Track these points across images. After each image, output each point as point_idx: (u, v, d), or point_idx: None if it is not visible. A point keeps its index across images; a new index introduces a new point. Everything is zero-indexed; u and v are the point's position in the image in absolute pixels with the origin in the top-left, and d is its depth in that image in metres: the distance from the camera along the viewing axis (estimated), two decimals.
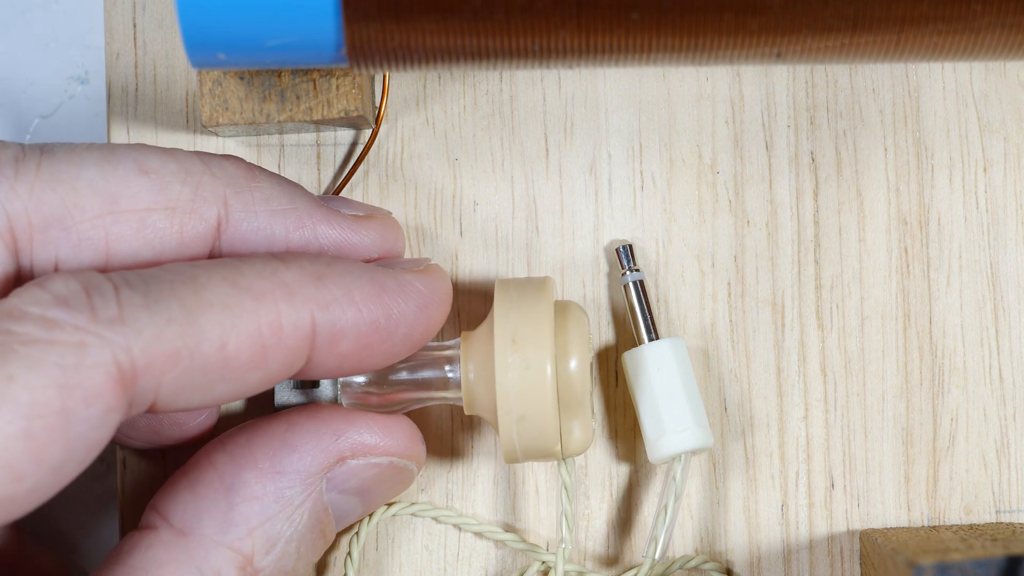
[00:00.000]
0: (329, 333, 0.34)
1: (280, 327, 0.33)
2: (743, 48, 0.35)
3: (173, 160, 0.35)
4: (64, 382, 0.30)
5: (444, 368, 0.38)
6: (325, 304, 0.34)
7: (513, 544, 0.41)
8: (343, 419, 0.37)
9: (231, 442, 0.37)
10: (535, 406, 0.36)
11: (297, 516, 0.36)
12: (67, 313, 0.31)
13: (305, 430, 0.37)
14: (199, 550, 0.35)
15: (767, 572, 0.41)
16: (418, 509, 0.41)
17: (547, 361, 0.36)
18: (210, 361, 0.32)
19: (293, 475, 0.36)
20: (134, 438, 0.39)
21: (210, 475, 0.36)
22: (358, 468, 0.37)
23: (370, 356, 0.35)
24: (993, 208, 0.42)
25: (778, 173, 0.42)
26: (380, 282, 0.35)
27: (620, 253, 0.41)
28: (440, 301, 0.36)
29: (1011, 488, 0.42)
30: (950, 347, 0.42)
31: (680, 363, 0.40)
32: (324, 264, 0.35)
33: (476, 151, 0.42)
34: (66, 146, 0.35)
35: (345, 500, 0.38)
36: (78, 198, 0.34)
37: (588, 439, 0.38)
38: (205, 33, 0.33)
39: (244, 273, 0.34)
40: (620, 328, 0.42)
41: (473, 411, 0.38)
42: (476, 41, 0.34)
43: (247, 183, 0.36)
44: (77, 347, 0.30)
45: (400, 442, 0.38)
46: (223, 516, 0.35)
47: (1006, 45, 0.35)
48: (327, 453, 0.37)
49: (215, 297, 0.33)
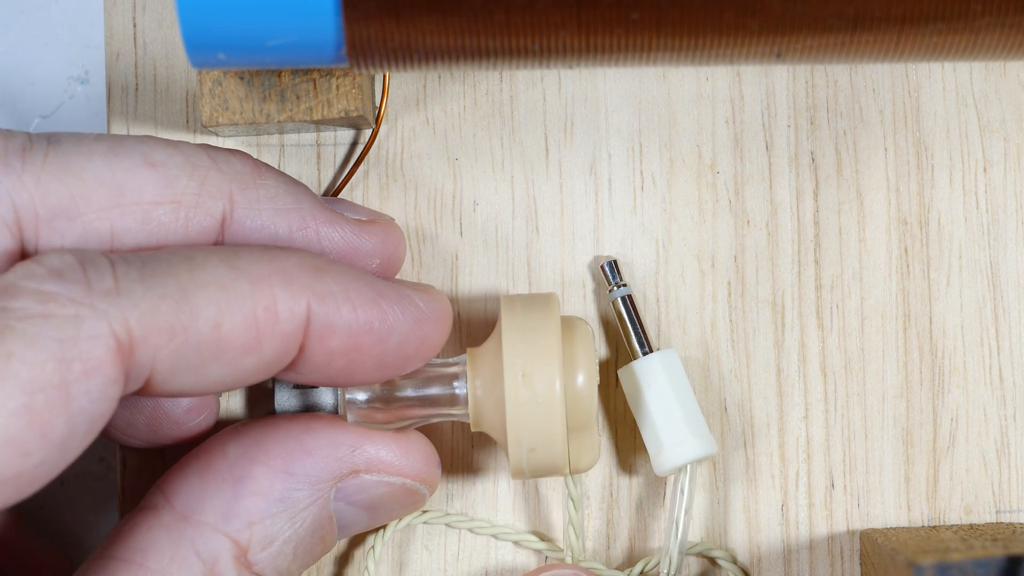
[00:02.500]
0: (323, 325, 0.34)
1: (275, 312, 0.33)
2: (743, 48, 0.35)
3: (179, 153, 0.35)
4: (62, 355, 0.30)
5: (452, 385, 0.38)
6: (321, 296, 0.34)
7: (530, 545, 0.41)
8: (363, 433, 0.37)
9: (246, 434, 0.37)
10: (546, 437, 0.37)
11: (300, 519, 0.36)
12: (62, 286, 0.31)
13: (323, 436, 0.37)
14: (198, 535, 0.35)
15: (767, 572, 0.41)
16: (430, 517, 0.41)
17: (558, 397, 0.36)
18: (204, 340, 0.32)
19: (303, 478, 0.36)
20: (133, 437, 0.39)
21: (221, 464, 0.36)
22: (370, 484, 0.37)
23: (361, 359, 0.35)
24: (993, 208, 0.42)
25: (778, 173, 0.42)
26: (377, 288, 0.35)
27: (605, 270, 0.41)
28: (437, 320, 0.36)
29: (1011, 488, 0.42)
30: (950, 347, 0.42)
31: (672, 376, 0.40)
32: (323, 260, 0.35)
33: (476, 151, 0.42)
34: (73, 136, 0.35)
35: (352, 512, 0.38)
36: (85, 189, 0.34)
37: (595, 457, 0.38)
38: (205, 33, 0.33)
39: (242, 256, 0.34)
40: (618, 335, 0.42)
41: (480, 428, 0.38)
42: (476, 41, 0.34)
43: (253, 180, 0.36)
44: (73, 320, 0.30)
45: (417, 464, 0.38)
46: (227, 506, 0.35)
47: (1006, 45, 0.35)
48: (341, 463, 0.37)
49: (211, 277, 0.33)
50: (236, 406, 0.42)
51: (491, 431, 0.38)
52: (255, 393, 0.42)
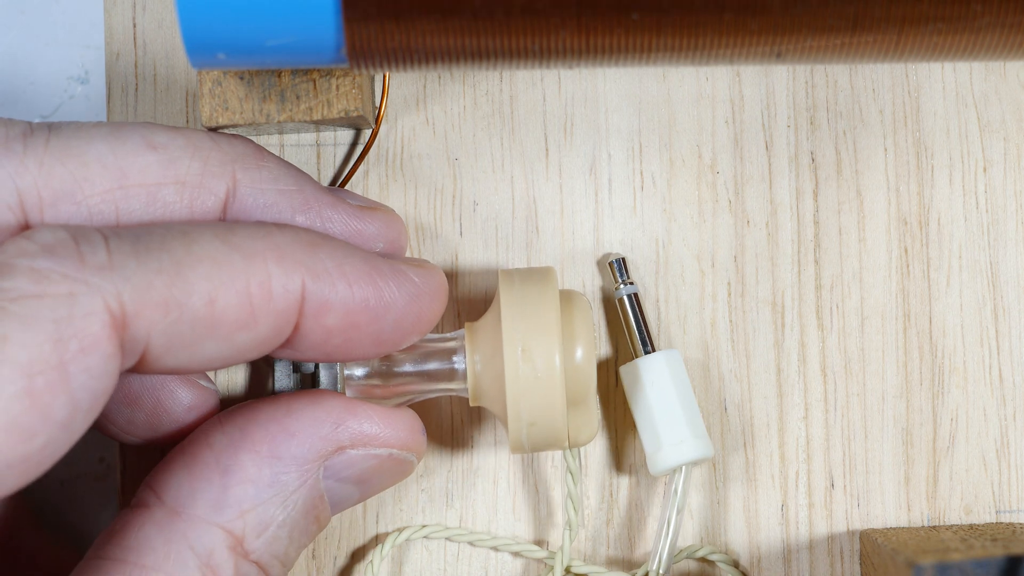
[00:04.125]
0: (318, 303, 0.34)
1: (269, 289, 0.33)
2: (743, 48, 0.35)
3: (181, 136, 0.36)
4: (59, 335, 0.30)
5: (450, 360, 0.38)
6: (316, 273, 0.34)
7: (531, 554, 0.41)
8: (344, 408, 0.37)
9: (229, 423, 0.37)
10: (546, 412, 0.37)
11: (291, 502, 0.36)
12: (55, 262, 0.31)
13: (305, 416, 0.37)
14: (191, 529, 0.35)
15: (767, 572, 0.41)
16: (430, 532, 0.41)
17: (557, 372, 0.36)
18: (198, 315, 0.32)
19: (289, 460, 0.36)
20: (132, 433, 0.39)
21: (206, 455, 0.36)
22: (357, 458, 0.37)
23: (358, 336, 0.35)
24: (993, 208, 0.42)
25: (778, 173, 0.42)
26: (373, 264, 0.35)
27: (614, 267, 0.41)
28: (433, 295, 0.36)
29: (1011, 488, 0.42)
30: (950, 347, 0.42)
31: (675, 375, 0.40)
32: (319, 236, 0.35)
33: (476, 151, 0.42)
34: (73, 124, 0.35)
35: (342, 488, 0.37)
36: (88, 172, 0.34)
37: (594, 430, 0.38)
38: (205, 33, 0.33)
39: (236, 232, 0.34)
40: (618, 333, 0.42)
41: (479, 403, 0.38)
42: (476, 41, 0.34)
43: (255, 161, 0.36)
44: (67, 297, 0.30)
45: (401, 433, 0.38)
46: (217, 497, 0.35)
47: (1006, 45, 0.35)
48: (325, 441, 0.37)
49: (205, 252, 0.33)
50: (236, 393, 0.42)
51: (490, 405, 0.38)
52: (256, 376, 0.42)
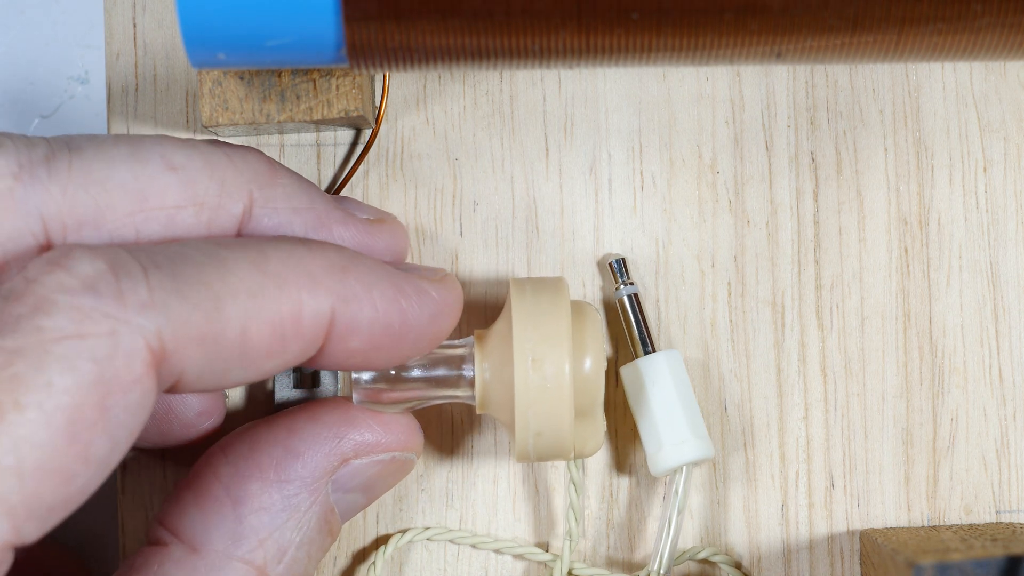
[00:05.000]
0: (345, 327, 0.34)
1: (300, 317, 0.33)
2: (743, 48, 0.35)
3: (198, 154, 0.35)
4: (100, 377, 0.30)
5: (459, 367, 0.38)
6: (345, 299, 0.34)
7: (533, 557, 0.41)
8: (343, 420, 0.37)
9: (233, 451, 0.37)
10: (553, 423, 0.37)
11: (305, 521, 0.36)
12: (96, 299, 0.30)
13: (307, 434, 0.37)
14: (213, 566, 0.35)
15: (767, 572, 0.41)
16: (433, 534, 0.41)
17: (567, 383, 0.36)
18: (231, 346, 0.32)
19: (299, 482, 0.36)
20: (142, 439, 0.39)
21: (215, 488, 0.36)
22: (362, 467, 0.37)
23: (377, 356, 0.35)
24: (993, 208, 0.42)
25: (778, 173, 0.42)
26: (399, 285, 0.35)
27: (614, 267, 0.41)
28: (451, 312, 0.36)
29: (1011, 488, 0.42)
30: (950, 347, 0.42)
31: (676, 375, 0.40)
32: (349, 258, 0.35)
33: (476, 151, 0.42)
34: (92, 141, 0.35)
35: (351, 497, 0.38)
36: (110, 199, 0.34)
37: (599, 442, 0.38)
38: (205, 33, 0.33)
39: (271, 259, 0.33)
40: (619, 334, 0.42)
41: (486, 411, 0.38)
42: (476, 41, 0.34)
43: (269, 179, 0.36)
44: (109, 337, 0.30)
45: (400, 435, 0.38)
46: (232, 529, 0.35)
47: (1006, 45, 0.35)
48: (331, 457, 0.37)
49: (242, 284, 0.32)
50: (237, 401, 0.42)
51: (497, 414, 0.38)
52: (256, 386, 0.42)
